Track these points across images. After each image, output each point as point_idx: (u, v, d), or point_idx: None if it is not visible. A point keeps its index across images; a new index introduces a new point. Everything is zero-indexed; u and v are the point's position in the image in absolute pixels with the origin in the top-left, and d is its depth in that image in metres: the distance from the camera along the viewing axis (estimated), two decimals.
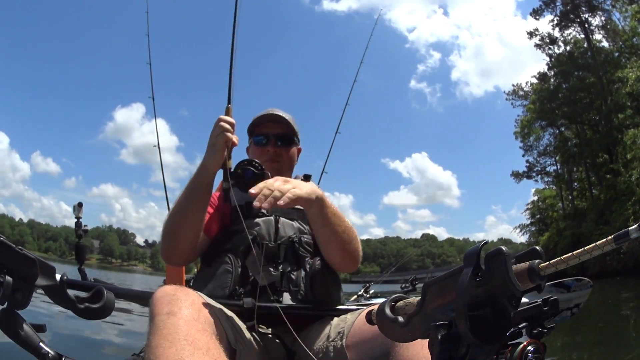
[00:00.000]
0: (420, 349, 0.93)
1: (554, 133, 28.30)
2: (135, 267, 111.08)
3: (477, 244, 0.55)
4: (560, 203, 29.53)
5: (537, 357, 0.72)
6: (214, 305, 1.09)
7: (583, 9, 25.11)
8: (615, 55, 24.02)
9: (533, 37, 27.29)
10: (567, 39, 26.29)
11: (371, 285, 7.07)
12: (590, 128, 25.69)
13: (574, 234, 22.97)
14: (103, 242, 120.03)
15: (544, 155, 29.31)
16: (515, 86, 30.50)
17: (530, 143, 29.41)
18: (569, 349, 4.82)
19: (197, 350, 0.83)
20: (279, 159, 1.56)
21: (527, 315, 0.92)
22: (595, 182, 25.84)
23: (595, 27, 25.02)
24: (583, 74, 24.97)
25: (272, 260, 1.38)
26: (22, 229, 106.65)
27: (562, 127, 27.55)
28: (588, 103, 24.97)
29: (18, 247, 0.68)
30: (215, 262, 1.38)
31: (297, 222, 1.47)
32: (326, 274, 1.39)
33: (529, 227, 31.72)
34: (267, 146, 1.56)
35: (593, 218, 22.20)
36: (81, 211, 2.07)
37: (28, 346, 0.72)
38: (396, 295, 0.70)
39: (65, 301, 0.77)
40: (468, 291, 0.51)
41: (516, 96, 30.11)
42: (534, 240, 29.89)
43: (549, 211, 30.38)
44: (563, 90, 25.99)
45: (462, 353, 0.51)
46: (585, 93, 24.82)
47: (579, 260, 0.52)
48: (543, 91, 27.12)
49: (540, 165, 29.59)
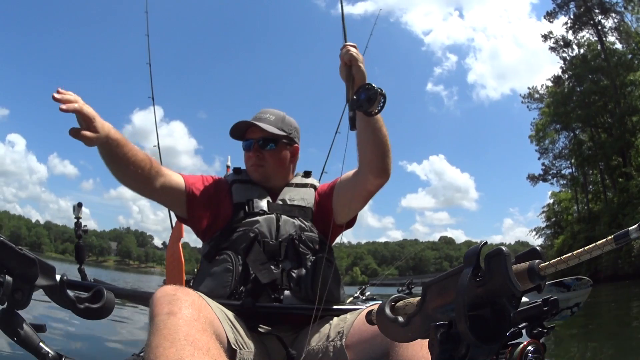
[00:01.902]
0: (420, 349, 0.93)
1: (569, 136, 28.31)
2: (152, 269, 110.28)
3: (477, 244, 0.55)
4: (576, 206, 29.47)
5: (537, 357, 0.72)
6: (214, 305, 1.09)
7: (596, 11, 25.14)
8: (628, 57, 24.01)
9: (547, 40, 27.42)
10: (581, 42, 26.33)
11: (367, 287, 7.09)
12: (605, 131, 25.68)
13: (588, 237, 22.71)
14: (120, 244, 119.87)
15: (559, 158, 29.33)
16: (531, 89, 30.56)
17: (546, 146, 29.42)
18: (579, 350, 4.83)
19: (197, 350, 0.83)
20: (263, 163, 1.53)
21: (527, 315, 0.92)
22: (610, 185, 25.80)
23: (609, 29, 25.08)
24: (597, 77, 24.96)
25: (272, 258, 1.38)
26: (39, 231, 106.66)
27: (576, 130, 27.55)
28: (602, 106, 24.96)
29: (18, 247, 0.68)
30: (215, 260, 1.38)
31: (298, 220, 1.46)
32: (327, 271, 1.39)
33: (544, 230, 31.63)
34: (250, 151, 1.54)
35: (606, 221, 22.13)
36: (81, 211, 2.07)
37: (28, 346, 0.72)
38: (396, 296, 0.70)
39: (65, 301, 0.77)
40: (468, 291, 0.51)
41: (532, 99, 30.12)
42: (549, 243, 29.78)
43: (564, 214, 30.32)
44: (577, 94, 26.02)
45: (462, 353, 0.51)
46: (598, 96, 24.82)
47: (579, 260, 0.52)
48: (557, 94, 27.18)
49: (556, 168, 29.62)
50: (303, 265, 1.39)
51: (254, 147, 1.53)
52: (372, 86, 1.26)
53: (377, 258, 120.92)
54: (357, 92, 1.27)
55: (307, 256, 1.41)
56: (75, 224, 2.04)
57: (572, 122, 26.45)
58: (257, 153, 1.53)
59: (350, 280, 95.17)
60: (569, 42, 26.75)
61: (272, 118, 1.57)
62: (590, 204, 27.61)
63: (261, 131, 1.52)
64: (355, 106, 1.26)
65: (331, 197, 1.53)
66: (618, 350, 4.64)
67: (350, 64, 1.32)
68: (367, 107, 1.25)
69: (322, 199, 1.57)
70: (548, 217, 31.60)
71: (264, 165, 1.53)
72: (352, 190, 1.47)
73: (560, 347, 4.96)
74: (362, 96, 1.26)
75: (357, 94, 1.27)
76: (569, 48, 26.97)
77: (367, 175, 1.41)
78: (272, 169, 1.54)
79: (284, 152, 1.57)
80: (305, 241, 1.43)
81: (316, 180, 1.66)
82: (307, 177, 1.65)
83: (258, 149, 1.53)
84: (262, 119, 1.56)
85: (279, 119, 1.58)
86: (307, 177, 1.65)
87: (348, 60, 1.32)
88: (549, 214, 31.60)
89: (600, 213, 24.74)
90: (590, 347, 5.11)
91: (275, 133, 1.53)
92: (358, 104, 1.26)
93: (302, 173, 1.67)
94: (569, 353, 4.65)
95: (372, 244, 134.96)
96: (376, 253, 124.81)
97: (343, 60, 1.34)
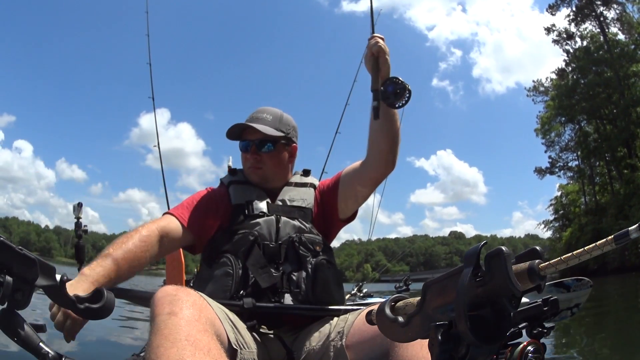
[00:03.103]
0: (420, 349, 0.93)
1: (575, 128, 28.33)
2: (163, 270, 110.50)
3: (477, 244, 0.55)
4: (583, 198, 29.46)
5: (537, 357, 0.72)
6: (215, 305, 1.09)
7: (597, 3, 25.17)
8: (631, 47, 24.01)
9: (550, 33, 27.49)
10: (584, 34, 26.35)
11: (364, 284, 7.11)
12: (609, 122, 25.65)
13: (595, 229, 22.81)
14: None
15: (566, 150, 29.38)
16: (536, 82, 30.62)
17: (552, 139, 29.47)
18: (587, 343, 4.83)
19: (198, 350, 0.83)
20: (261, 165, 1.51)
21: (527, 315, 0.92)
22: (616, 176, 25.79)
23: (611, 20, 25.11)
24: (600, 69, 24.96)
25: (272, 261, 1.37)
26: (49, 236, 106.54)
27: (581, 122, 27.56)
28: (606, 98, 24.97)
29: (18, 247, 0.68)
30: (215, 263, 1.37)
31: (298, 221, 1.45)
32: (327, 273, 1.39)
33: (552, 223, 31.68)
34: (248, 153, 1.51)
35: (613, 213, 22.13)
36: (81, 211, 2.07)
37: (28, 346, 0.72)
38: (396, 296, 0.70)
39: (65, 301, 0.77)
40: (468, 291, 0.51)
41: (537, 92, 30.22)
42: (557, 236, 29.87)
43: (572, 207, 30.32)
44: (581, 86, 26.02)
45: (462, 353, 0.51)
46: (602, 88, 24.83)
47: (579, 260, 0.52)
48: (561, 87, 27.21)
49: (562, 160, 29.70)
50: (303, 268, 1.38)
51: (251, 149, 1.51)
52: (400, 81, 1.30)
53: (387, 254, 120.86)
54: (385, 83, 1.31)
55: (307, 258, 1.39)
56: (75, 224, 2.04)
57: (576, 115, 26.45)
58: (255, 155, 1.50)
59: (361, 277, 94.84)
60: (571, 35, 26.79)
61: (270, 118, 1.53)
62: (597, 195, 27.57)
63: (258, 132, 1.49)
64: (382, 97, 1.30)
65: (337, 191, 1.53)
66: (627, 343, 4.64)
67: (378, 55, 1.34)
68: (393, 100, 1.30)
69: (324, 195, 1.56)
70: (556, 210, 31.61)
71: (262, 167, 1.51)
72: (359, 179, 1.49)
73: (569, 339, 4.96)
74: (389, 89, 1.31)
75: (384, 86, 1.31)
76: (572, 40, 27.02)
77: (376, 164, 1.44)
78: (271, 170, 1.52)
79: (283, 153, 1.55)
80: (305, 243, 1.41)
81: (316, 179, 1.64)
82: (307, 176, 1.63)
83: (255, 151, 1.50)
84: (259, 119, 1.52)
85: (277, 119, 1.54)
86: (307, 176, 1.63)
87: (376, 51, 1.34)
88: (557, 207, 31.61)
89: (607, 205, 24.70)
90: (599, 338, 5.11)
91: (273, 135, 1.50)
92: (385, 95, 1.30)
93: (301, 172, 1.65)
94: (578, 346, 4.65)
95: (382, 241, 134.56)
96: (387, 249, 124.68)
97: (371, 50, 1.36)
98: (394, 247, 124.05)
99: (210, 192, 1.55)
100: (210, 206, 1.49)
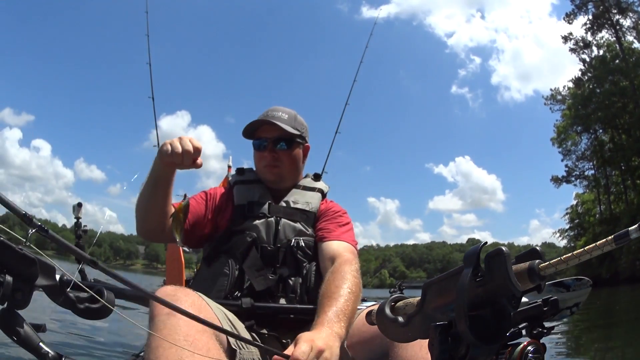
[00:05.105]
0: (420, 349, 0.93)
1: (591, 137, 28.26)
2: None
3: (477, 245, 0.55)
4: (598, 207, 29.33)
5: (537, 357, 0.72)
6: (214, 305, 1.09)
7: (614, 11, 25.15)
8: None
9: (567, 42, 27.50)
10: (600, 43, 26.33)
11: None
12: (624, 132, 25.64)
13: None
14: (148, 248, 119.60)
15: (582, 159, 29.26)
16: (553, 90, 30.62)
17: (568, 148, 29.37)
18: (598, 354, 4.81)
19: (197, 350, 0.83)
20: (278, 163, 1.48)
21: (527, 315, 0.92)
22: (631, 186, 25.75)
23: (627, 29, 25.09)
24: (616, 78, 24.92)
25: (270, 264, 1.36)
26: (66, 235, 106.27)
27: (597, 131, 27.50)
28: (621, 107, 24.93)
29: (18, 246, 0.68)
30: (214, 263, 1.37)
31: (299, 224, 1.44)
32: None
33: (567, 231, 31.50)
34: (265, 151, 1.48)
35: (626, 223, 22.06)
36: (81, 211, 2.07)
37: (28, 346, 0.72)
38: (396, 296, 0.70)
39: (65, 301, 0.77)
40: (468, 291, 0.51)
41: (554, 101, 30.20)
42: (572, 245, 29.58)
43: (587, 216, 30.17)
44: (597, 95, 25.96)
45: (462, 353, 0.51)
46: (618, 97, 24.79)
47: (579, 260, 0.52)
48: (577, 97, 27.20)
49: (578, 169, 29.57)
50: (300, 273, 1.36)
51: (268, 147, 1.48)
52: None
53: (405, 261, 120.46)
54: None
55: (304, 264, 1.38)
56: (75, 223, 2.04)
57: (592, 124, 26.42)
58: (273, 153, 1.47)
59: (378, 282, 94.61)
60: (588, 43, 26.79)
61: (286, 117, 1.51)
62: (612, 205, 27.50)
63: (276, 130, 1.46)
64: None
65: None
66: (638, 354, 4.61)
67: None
68: None
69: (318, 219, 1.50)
70: (572, 219, 31.45)
71: (279, 166, 1.48)
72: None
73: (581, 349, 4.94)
74: None
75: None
76: (588, 49, 27.00)
77: None
78: (287, 169, 1.50)
79: (298, 152, 1.53)
80: (304, 247, 1.40)
81: (325, 185, 1.60)
82: (317, 181, 1.60)
83: (273, 149, 1.48)
84: (276, 118, 1.49)
85: (292, 118, 1.52)
86: (317, 181, 1.60)
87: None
88: (572, 216, 31.44)
89: (621, 214, 24.63)
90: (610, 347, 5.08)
91: (291, 132, 1.47)
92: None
93: (312, 175, 1.62)
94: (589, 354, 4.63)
95: (400, 247, 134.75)
96: (404, 256, 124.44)
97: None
98: (411, 254, 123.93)
99: (215, 191, 1.54)
100: (211, 206, 1.48)
